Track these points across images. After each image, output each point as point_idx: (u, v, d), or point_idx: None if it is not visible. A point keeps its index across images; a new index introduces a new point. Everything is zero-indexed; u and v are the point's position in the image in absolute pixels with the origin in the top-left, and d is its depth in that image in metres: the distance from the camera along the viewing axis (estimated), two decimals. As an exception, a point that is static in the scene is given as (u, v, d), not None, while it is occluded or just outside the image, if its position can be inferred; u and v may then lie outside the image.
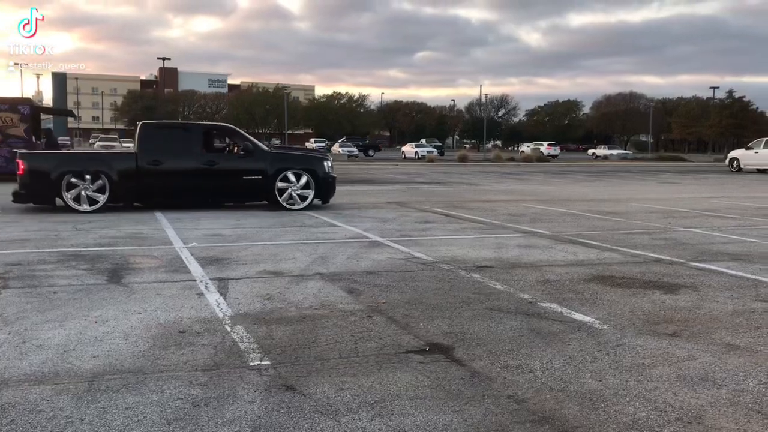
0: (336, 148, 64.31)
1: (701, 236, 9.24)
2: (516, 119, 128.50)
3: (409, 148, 59.76)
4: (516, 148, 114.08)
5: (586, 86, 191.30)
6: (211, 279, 6.02)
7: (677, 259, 7.30)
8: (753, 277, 6.36)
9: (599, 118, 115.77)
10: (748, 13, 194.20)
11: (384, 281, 5.99)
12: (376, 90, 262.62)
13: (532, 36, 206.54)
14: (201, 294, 5.46)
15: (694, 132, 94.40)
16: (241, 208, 12.06)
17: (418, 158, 53.24)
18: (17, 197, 11.34)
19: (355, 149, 60.25)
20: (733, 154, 37.30)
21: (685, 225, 10.48)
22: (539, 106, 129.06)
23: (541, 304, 5.21)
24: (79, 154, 14.17)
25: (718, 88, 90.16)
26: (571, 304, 5.22)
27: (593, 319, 4.76)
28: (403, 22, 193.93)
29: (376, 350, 4.04)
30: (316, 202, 12.38)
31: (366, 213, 11.82)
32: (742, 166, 34.20)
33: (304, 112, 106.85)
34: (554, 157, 60.59)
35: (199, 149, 12.03)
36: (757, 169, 33.20)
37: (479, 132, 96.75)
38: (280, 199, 11.95)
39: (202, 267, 6.58)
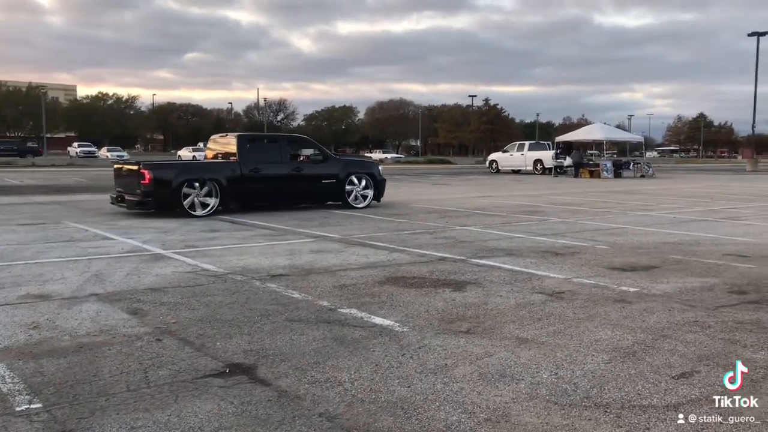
0: (104, 152, 60.03)
1: (476, 234, 9.88)
2: (295, 123, 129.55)
3: (186, 153, 57.47)
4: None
5: (358, 92, 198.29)
6: (-42, 309, 5.10)
7: (459, 257, 7.69)
8: (526, 270, 6.89)
9: (373, 123, 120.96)
10: (494, 27, 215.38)
11: (172, 298, 5.52)
12: (146, 91, 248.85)
13: (302, 41, 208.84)
14: (-54, 328, 4.58)
15: (457, 137, 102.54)
16: (-6, 223, 10.57)
17: (197, 163, 51.24)
18: (141, 205, 11.99)
19: (126, 154, 56.73)
20: (492, 156, 41.04)
21: (460, 224, 11.16)
22: (317, 111, 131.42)
23: (341, 310, 5.13)
24: (194, 163, 14.27)
25: (476, 96, 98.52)
26: (370, 308, 5.21)
27: (393, 322, 4.78)
28: (170, 21, 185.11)
29: (170, 378, 3.64)
30: (374, 203, 14.30)
31: (144, 223, 10.98)
32: (500, 168, 37.73)
33: (64, 114, 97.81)
34: None
35: (287, 157, 13.67)
36: (512, 170, 36.84)
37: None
38: (349, 200, 13.93)
39: (-55, 295, 5.56)
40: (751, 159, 52.08)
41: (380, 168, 15.07)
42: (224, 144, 13.75)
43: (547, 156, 35.11)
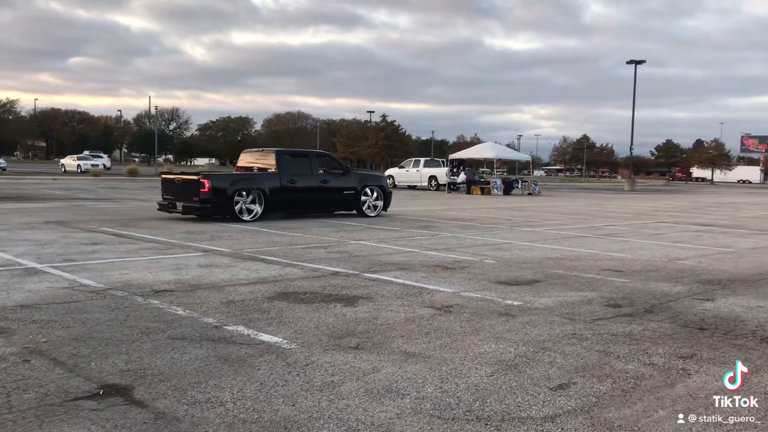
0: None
1: (370, 248, 9.92)
2: (189, 133, 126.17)
3: (70, 161, 54.69)
4: (189, 162, 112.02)
5: (254, 103, 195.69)
6: None
7: (352, 271, 7.69)
8: (418, 284, 6.98)
9: (270, 135, 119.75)
10: (390, 45, 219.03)
11: (44, 316, 5.17)
12: (27, 95, 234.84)
13: (196, 50, 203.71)
14: None
15: (355, 151, 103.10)
16: None
17: (81, 172, 49.02)
18: (199, 210, 13.40)
19: (3, 161, 53.32)
20: (389, 172, 41.53)
21: (355, 238, 11.18)
22: (211, 121, 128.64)
23: (227, 327, 4.98)
24: (242, 174, 14.94)
25: (374, 112, 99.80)
26: (258, 324, 5.09)
27: (281, 339, 4.69)
28: (54, 23, 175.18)
29: (36, 402, 3.39)
30: (383, 212, 16.28)
31: (19, 235, 10.28)
32: (396, 183, 38.21)
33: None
34: (108, 168, 56.13)
35: (316, 171, 15.27)
36: (409, 185, 37.45)
37: (150, 145, 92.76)
38: (363, 209, 15.78)
39: None
40: (629, 179, 55.58)
41: (388, 181, 17.58)
42: (260, 158, 15.35)
43: (442, 173, 35.98)
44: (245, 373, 3.92)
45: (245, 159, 15.92)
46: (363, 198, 15.82)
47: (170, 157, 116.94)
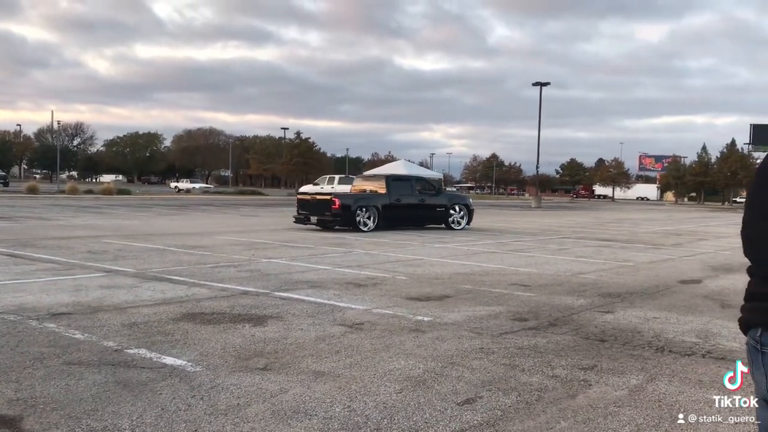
0: None
1: (282, 266, 9.80)
2: (94, 149, 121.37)
3: (-39, 177, 51.49)
4: (94, 179, 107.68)
5: (161, 119, 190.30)
6: None
7: (263, 290, 7.56)
8: (329, 302, 6.93)
9: (181, 151, 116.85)
10: (300, 62, 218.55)
11: (-76, 343, 4.80)
12: None
13: (99, 63, 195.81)
14: None
15: (269, 168, 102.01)
16: None
17: (-25, 189, 46.26)
18: (331, 222, 16.86)
19: None
20: (303, 189, 41.41)
21: (267, 256, 11.02)
22: (119, 137, 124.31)
23: (129, 351, 4.78)
24: (362, 194, 18.43)
25: (288, 129, 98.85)
26: (162, 347, 4.91)
27: (185, 362, 4.53)
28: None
29: None
30: (467, 226, 19.12)
31: None
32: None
33: None
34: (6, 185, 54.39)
35: (415, 191, 18.57)
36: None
37: (52, 161, 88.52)
38: (451, 224, 18.77)
39: None
40: (536, 196, 57.53)
41: (471, 199, 21.17)
42: (372, 182, 19.43)
43: (356, 190, 36.18)
44: (146, 399, 3.76)
45: (359, 183, 20.08)
46: (451, 215, 18.80)
47: (74, 173, 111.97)
